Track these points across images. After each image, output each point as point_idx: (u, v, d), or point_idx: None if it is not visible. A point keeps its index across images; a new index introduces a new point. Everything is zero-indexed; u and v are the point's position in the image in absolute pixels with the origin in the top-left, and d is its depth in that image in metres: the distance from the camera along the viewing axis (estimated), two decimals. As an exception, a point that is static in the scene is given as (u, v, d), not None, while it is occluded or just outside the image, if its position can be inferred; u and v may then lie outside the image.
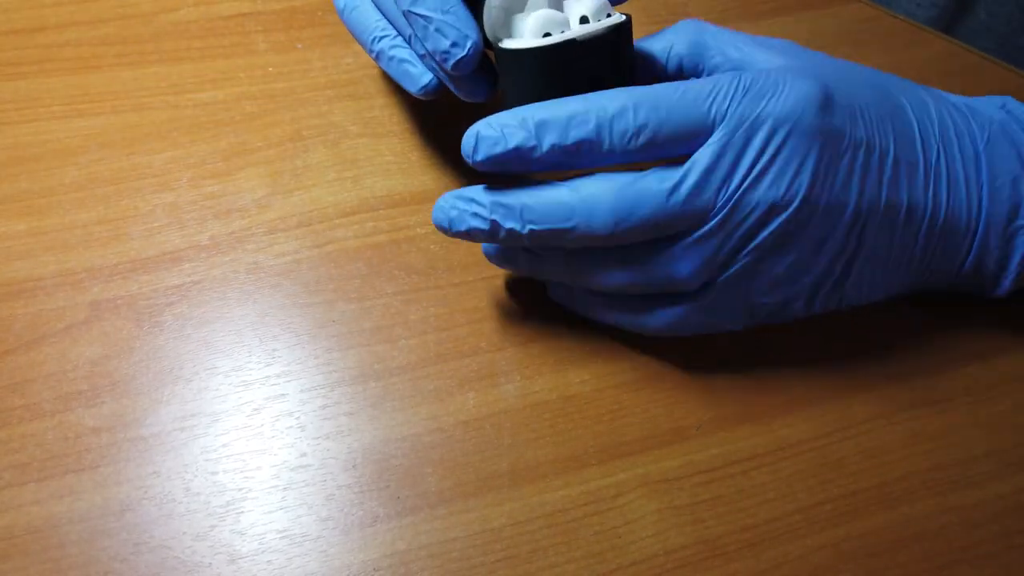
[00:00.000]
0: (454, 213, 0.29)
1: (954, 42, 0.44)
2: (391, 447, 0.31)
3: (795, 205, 0.28)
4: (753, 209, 0.28)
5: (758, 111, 0.27)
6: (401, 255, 0.35)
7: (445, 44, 0.28)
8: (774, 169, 0.27)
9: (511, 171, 0.28)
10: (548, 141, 0.27)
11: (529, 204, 0.28)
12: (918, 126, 0.31)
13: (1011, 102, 0.34)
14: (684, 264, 0.29)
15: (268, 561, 0.29)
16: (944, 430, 0.33)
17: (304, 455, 0.31)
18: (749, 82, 0.28)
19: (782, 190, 0.28)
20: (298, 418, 0.31)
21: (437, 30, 0.28)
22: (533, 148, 0.27)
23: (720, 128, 0.27)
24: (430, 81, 0.31)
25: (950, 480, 0.32)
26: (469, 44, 0.28)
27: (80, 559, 0.28)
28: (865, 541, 0.30)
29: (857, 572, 0.29)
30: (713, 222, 0.28)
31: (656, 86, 0.28)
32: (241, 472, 0.30)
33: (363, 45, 0.33)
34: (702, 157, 0.27)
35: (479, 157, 0.28)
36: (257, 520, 0.29)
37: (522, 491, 0.30)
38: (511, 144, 0.27)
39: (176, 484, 0.30)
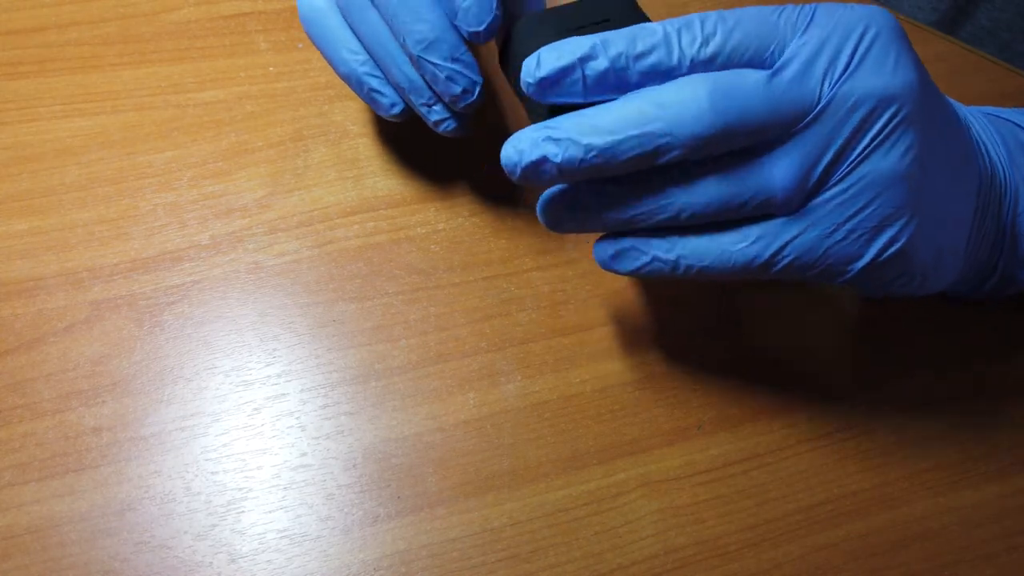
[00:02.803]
0: (525, 143, 0.26)
1: (954, 42, 0.44)
2: (391, 447, 0.31)
3: (907, 92, 0.25)
4: (859, 100, 0.25)
5: (840, 17, 0.25)
6: (402, 255, 0.35)
7: (456, 90, 0.29)
8: (875, 62, 0.25)
9: (574, 98, 0.26)
10: (613, 50, 0.25)
11: (608, 113, 0.25)
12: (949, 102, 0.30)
13: (986, 108, 0.34)
14: (780, 169, 0.25)
15: (268, 560, 0.29)
16: (944, 430, 0.33)
17: (304, 455, 0.31)
18: (816, 5, 0.26)
19: (887, 79, 0.25)
20: (298, 418, 0.31)
21: (448, 78, 0.29)
22: (598, 58, 0.25)
23: (804, 31, 0.25)
24: (401, 111, 0.32)
25: (950, 480, 0.32)
26: (477, 90, 0.30)
27: (81, 558, 0.28)
28: (865, 541, 0.30)
29: (857, 572, 0.29)
30: (816, 112, 0.25)
31: (723, 10, 0.26)
32: (241, 472, 0.30)
33: (328, 59, 0.32)
34: (800, 48, 0.25)
35: (542, 72, 0.25)
36: (257, 520, 0.29)
37: (522, 491, 0.30)
38: (577, 54, 0.25)
39: (177, 483, 0.30)
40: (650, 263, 0.28)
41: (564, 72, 0.25)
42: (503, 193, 0.37)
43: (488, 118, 0.39)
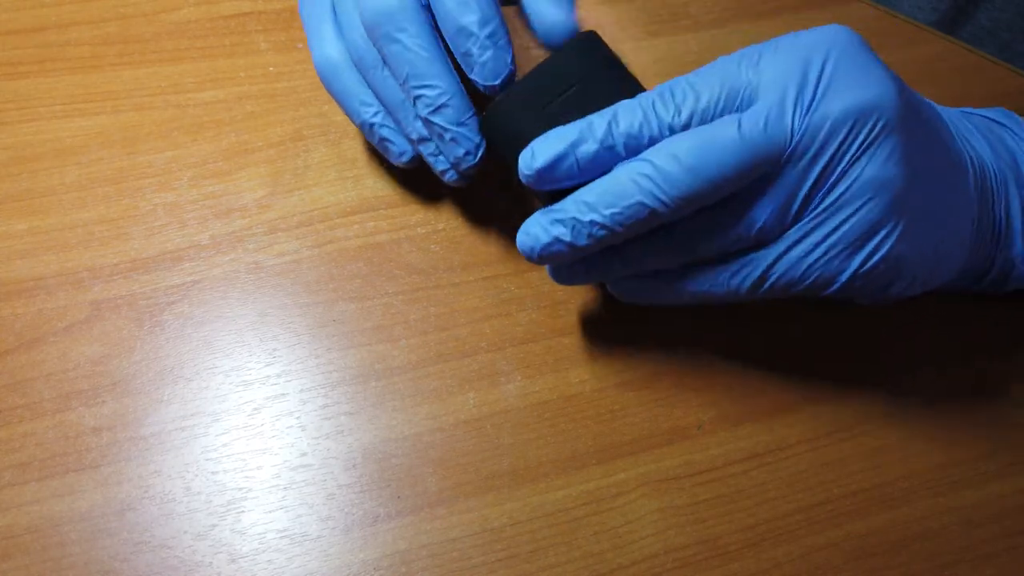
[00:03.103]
0: (536, 229, 0.28)
1: (954, 42, 0.44)
2: (391, 447, 0.31)
3: (884, 101, 0.26)
4: (836, 123, 0.26)
5: (800, 46, 0.27)
6: (402, 255, 0.35)
7: (460, 152, 0.31)
8: (843, 80, 0.26)
9: (570, 181, 0.28)
10: (599, 132, 0.27)
11: (604, 188, 0.27)
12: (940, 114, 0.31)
13: (1000, 113, 0.35)
14: (763, 208, 0.27)
15: (268, 560, 0.29)
16: (944, 430, 0.33)
17: (304, 455, 0.31)
18: (774, 41, 0.27)
19: (861, 93, 0.26)
20: (298, 418, 0.31)
21: (453, 139, 0.31)
22: (587, 142, 0.27)
23: (770, 72, 0.26)
24: (410, 159, 0.34)
25: (950, 480, 0.32)
26: (480, 153, 0.31)
27: (81, 558, 0.28)
28: (865, 541, 0.30)
29: (857, 572, 0.29)
30: (792, 148, 0.26)
31: (689, 73, 0.28)
32: (242, 471, 0.30)
33: (343, 109, 0.34)
34: (766, 89, 0.26)
35: (538, 164, 0.28)
36: (258, 519, 0.29)
37: (522, 491, 0.30)
38: (568, 141, 0.27)
39: (177, 483, 0.30)
40: (662, 297, 0.31)
41: (559, 160, 0.27)
42: (503, 193, 0.37)
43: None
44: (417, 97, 0.30)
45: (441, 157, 0.32)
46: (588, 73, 0.29)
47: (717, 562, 0.29)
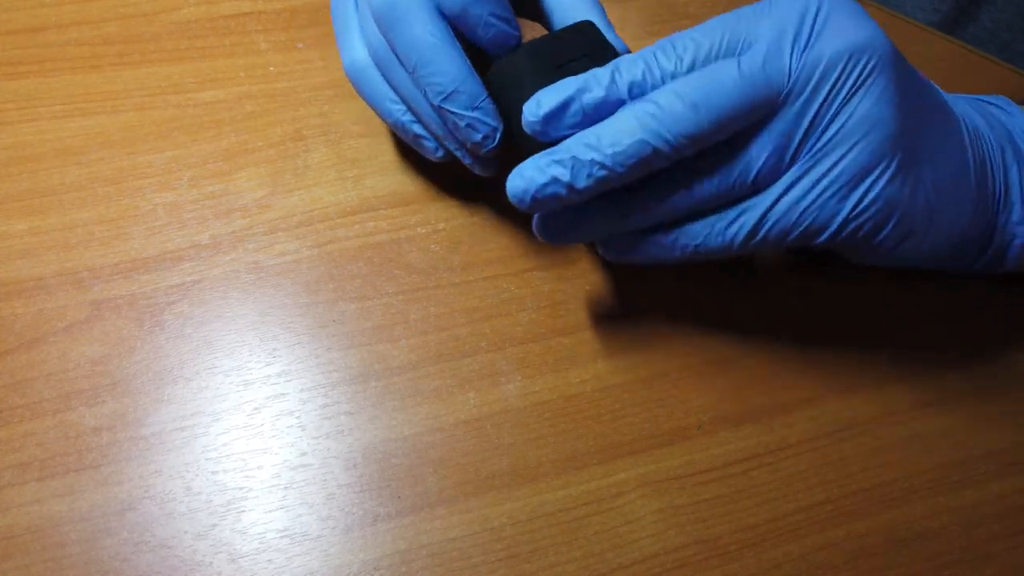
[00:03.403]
0: (531, 171, 0.28)
1: (955, 42, 0.44)
2: (392, 447, 0.31)
3: (874, 42, 0.27)
4: (830, 62, 0.27)
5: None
6: (402, 255, 0.35)
7: (477, 137, 0.30)
8: (836, 24, 0.27)
9: (575, 129, 0.28)
10: (604, 80, 0.27)
11: (607, 127, 0.27)
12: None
13: (998, 99, 0.35)
14: (759, 149, 0.27)
15: (269, 560, 0.29)
16: (944, 430, 0.33)
17: (305, 454, 0.31)
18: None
19: (853, 35, 0.27)
20: (299, 417, 0.31)
21: (469, 126, 0.30)
22: (591, 90, 0.27)
23: (767, 19, 0.27)
24: (445, 154, 0.33)
25: (950, 480, 0.32)
26: (498, 136, 0.30)
27: (81, 558, 0.28)
28: (865, 541, 0.30)
29: (857, 572, 0.29)
30: (790, 86, 0.27)
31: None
32: (242, 471, 0.30)
33: (375, 110, 0.34)
34: (764, 33, 0.27)
35: (543, 110, 0.27)
36: (258, 519, 0.29)
37: (522, 491, 0.30)
38: (572, 89, 0.27)
39: (177, 483, 0.30)
40: (654, 253, 0.30)
41: (564, 106, 0.27)
42: (503, 193, 0.37)
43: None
44: (428, 87, 0.30)
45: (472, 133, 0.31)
46: (590, 50, 0.29)
47: (717, 562, 0.29)
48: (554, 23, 0.33)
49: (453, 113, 0.30)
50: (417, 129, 0.33)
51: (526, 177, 0.28)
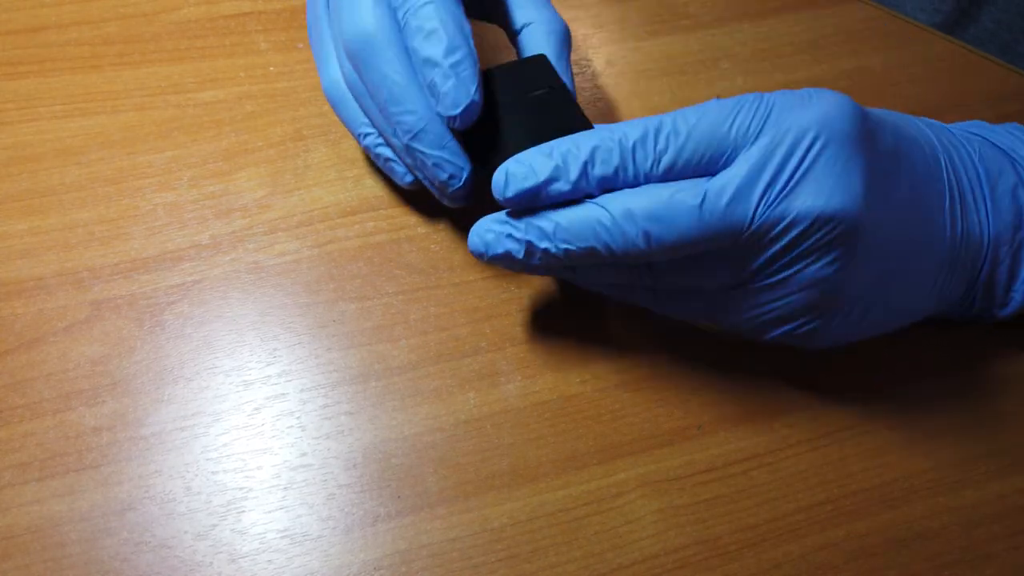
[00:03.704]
0: (490, 236, 0.29)
1: (955, 42, 0.44)
2: (392, 447, 0.31)
3: (846, 212, 0.26)
4: (795, 220, 0.26)
5: (792, 121, 0.26)
6: (402, 255, 0.35)
7: (443, 176, 0.31)
8: (818, 176, 0.26)
9: (542, 204, 0.28)
10: (574, 173, 0.27)
11: (562, 224, 0.28)
12: (924, 143, 0.30)
13: (976, 125, 0.34)
14: (715, 276, 0.28)
15: (269, 560, 0.29)
16: (944, 430, 0.33)
17: (305, 454, 0.31)
18: (774, 99, 0.27)
19: (827, 197, 0.26)
20: (299, 417, 0.31)
21: (435, 165, 0.30)
22: (560, 181, 0.27)
23: (754, 141, 0.26)
24: (413, 180, 0.33)
25: (950, 480, 0.32)
26: (464, 176, 0.31)
27: (81, 558, 0.28)
28: (865, 541, 0.30)
29: (857, 572, 0.29)
30: (750, 233, 0.26)
31: (680, 111, 0.27)
32: (242, 471, 0.30)
33: (352, 134, 0.34)
34: (736, 169, 0.26)
35: (509, 193, 0.28)
36: (258, 519, 0.29)
37: (522, 491, 0.30)
38: (540, 178, 0.27)
39: (177, 483, 0.30)
40: (611, 294, 0.32)
41: (530, 194, 0.28)
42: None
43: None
44: (396, 124, 0.30)
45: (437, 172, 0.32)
46: (549, 84, 0.31)
47: (717, 562, 0.29)
48: (514, 21, 0.34)
49: (420, 152, 0.30)
50: (388, 153, 0.33)
51: (485, 241, 0.29)
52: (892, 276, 0.29)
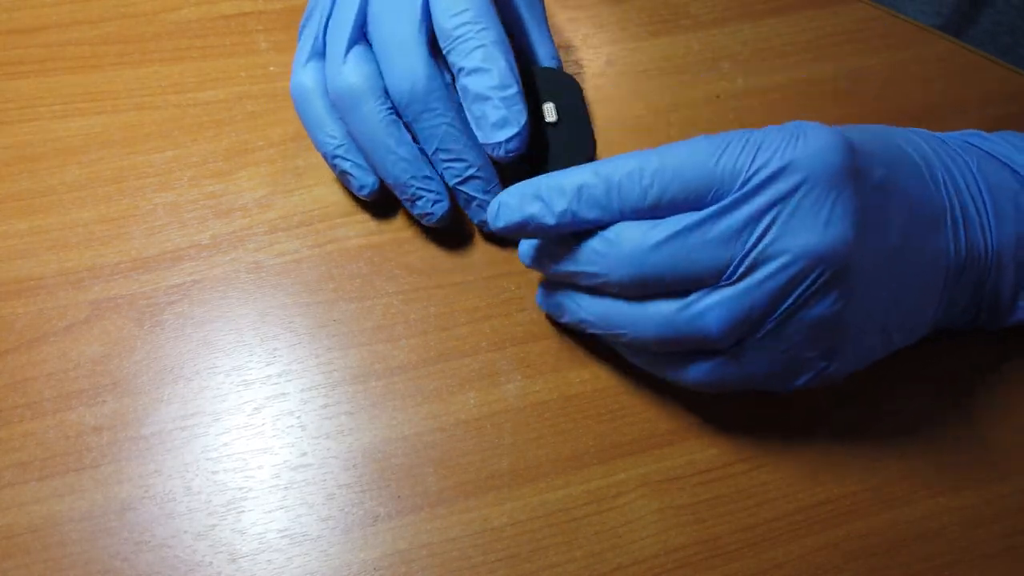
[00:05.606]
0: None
1: (955, 42, 0.44)
2: (392, 446, 0.31)
3: (836, 252, 0.25)
4: (787, 261, 0.25)
5: (781, 158, 0.26)
6: (402, 255, 0.35)
7: (428, 208, 0.34)
8: (808, 215, 0.25)
9: (532, 236, 0.29)
10: (559, 208, 0.28)
11: (558, 250, 0.29)
12: (923, 163, 0.30)
13: (972, 135, 0.34)
14: (714, 316, 0.27)
15: (268, 560, 0.29)
16: (944, 430, 0.33)
17: (305, 454, 0.31)
18: (763, 136, 0.26)
19: (820, 237, 0.25)
20: (299, 417, 0.31)
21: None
22: (546, 215, 0.28)
23: (741, 178, 0.26)
24: (370, 193, 0.35)
25: (950, 480, 0.32)
26: (445, 210, 0.34)
27: (81, 558, 0.28)
28: (865, 541, 0.30)
29: (857, 572, 0.29)
30: (739, 273, 0.26)
31: (669, 145, 0.27)
32: (242, 471, 0.30)
33: (311, 138, 0.35)
34: (733, 202, 0.26)
35: (499, 224, 0.29)
36: (258, 519, 0.29)
37: (522, 490, 0.30)
38: (527, 212, 0.28)
39: (177, 483, 0.30)
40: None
41: (519, 227, 0.29)
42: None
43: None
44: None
45: (419, 203, 0.34)
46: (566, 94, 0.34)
47: (717, 562, 0.29)
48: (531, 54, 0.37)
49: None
50: (346, 166, 0.34)
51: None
52: (897, 303, 0.28)
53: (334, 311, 0.34)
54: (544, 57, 0.37)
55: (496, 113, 0.31)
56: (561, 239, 0.29)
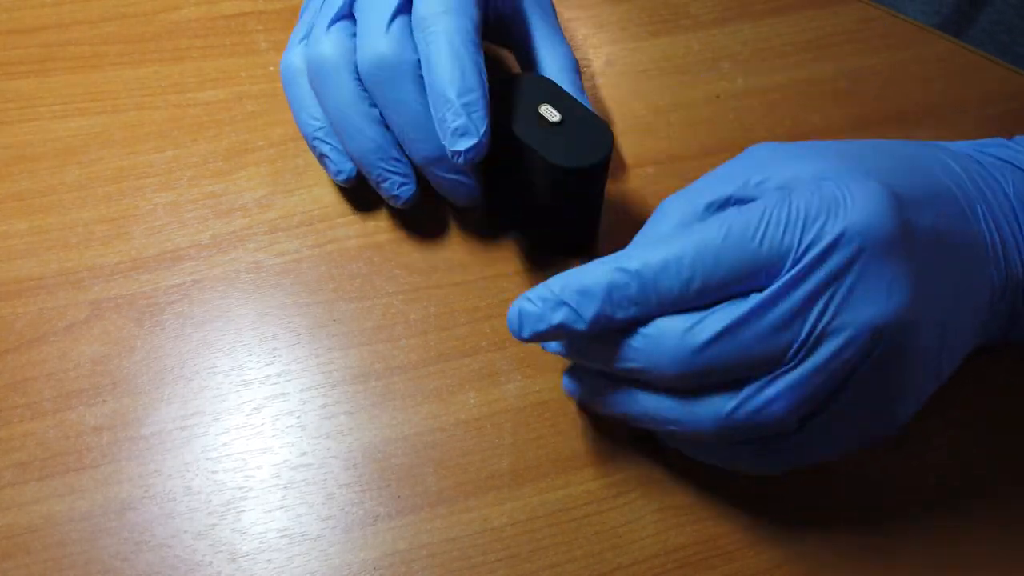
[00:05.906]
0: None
1: (955, 42, 0.44)
2: (392, 446, 0.31)
3: (900, 319, 0.24)
4: (851, 336, 0.24)
5: (832, 230, 0.24)
6: (402, 254, 0.35)
7: (394, 190, 0.33)
8: (868, 286, 0.24)
9: (558, 341, 0.27)
10: (590, 314, 0.25)
11: (600, 346, 0.27)
12: (960, 193, 0.28)
13: (999, 146, 0.32)
14: (780, 402, 0.25)
15: (268, 560, 0.29)
16: (944, 430, 0.33)
17: (304, 454, 0.31)
18: (803, 204, 0.24)
19: (883, 307, 0.24)
20: (299, 417, 0.31)
21: (386, 179, 0.33)
22: (577, 322, 0.25)
23: (792, 256, 0.24)
24: (346, 179, 0.35)
25: (950, 481, 0.32)
26: (411, 192, 0.33)
27: (81, 558, 0.28)
28: (866, 541, 0.30)
29: (857, 572, 0.29)
30: (799, 356, 0.24)
31: (695, 229, 0.25)
32: (241, 471, 0.30)
33: (295, 119, 0.35)
34: (776, 289, 0.24)
35: (525, 336, 0.26)
36: (257, 519, 0.29)
37: (522, 490, 0.30)
38: (554, 322, 0.26)
39: (177, 483, 0.30)
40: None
41: (547, 336, 0.26)
42: (503, 193, 0.37)
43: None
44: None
45: (384, 184, 0.33)
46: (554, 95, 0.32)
47: (717, 562, 0.29)
48: (531, 55, 0.36)
49: (375, 167, 0.33)
50: (325, 149, 0.34)
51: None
52: (951, 349, 0.27)
53: (334, 311, 0.34)
54: (560, 68, 0.35)
55: (456, 120, 0.30)
56: (594, 337, 0.27)
